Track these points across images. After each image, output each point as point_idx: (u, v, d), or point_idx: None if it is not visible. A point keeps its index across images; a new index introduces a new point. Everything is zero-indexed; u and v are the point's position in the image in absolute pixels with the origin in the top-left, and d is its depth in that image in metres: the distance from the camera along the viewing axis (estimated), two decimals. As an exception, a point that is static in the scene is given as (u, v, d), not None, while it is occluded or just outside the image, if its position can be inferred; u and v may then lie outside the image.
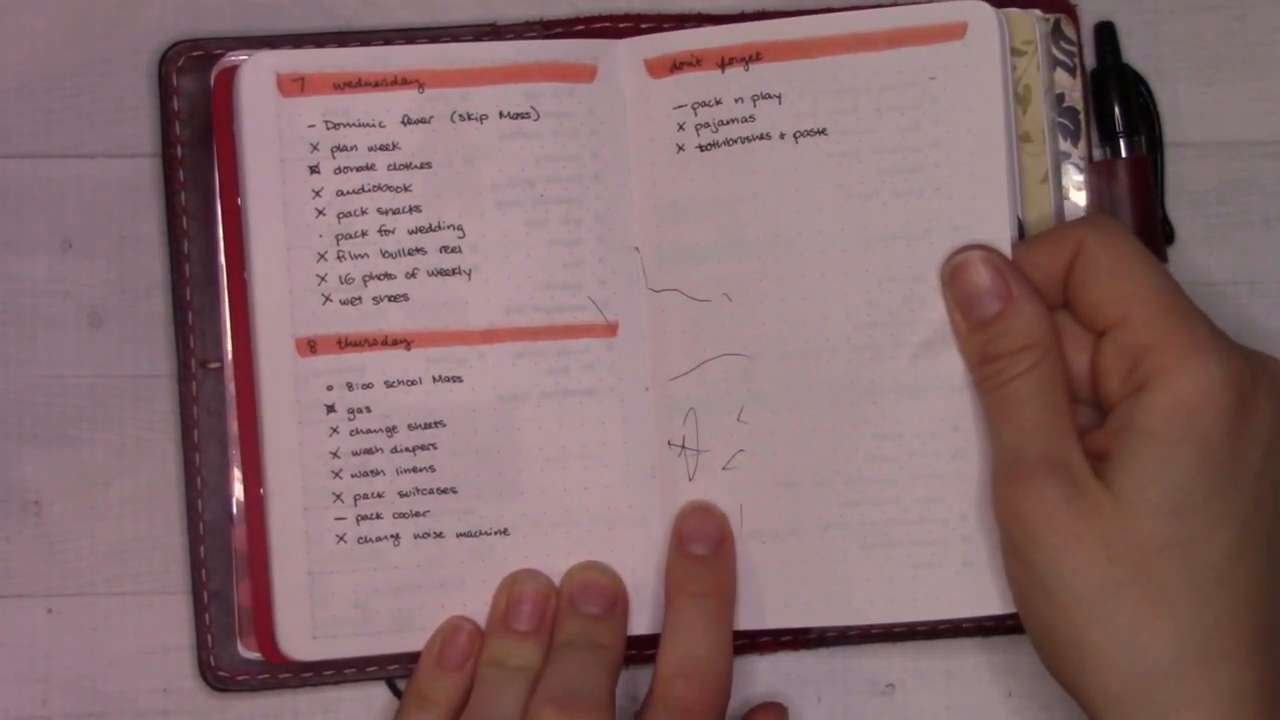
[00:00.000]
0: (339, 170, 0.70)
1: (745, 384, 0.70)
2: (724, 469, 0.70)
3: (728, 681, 0.68)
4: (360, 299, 0.70)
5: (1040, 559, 0.62)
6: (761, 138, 0.70)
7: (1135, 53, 0.74)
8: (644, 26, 0.72)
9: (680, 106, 0.71)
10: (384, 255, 0.70)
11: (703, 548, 0.69)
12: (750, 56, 0.70)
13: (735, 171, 0.70)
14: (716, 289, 0.70)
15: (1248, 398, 0.62)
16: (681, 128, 0.71)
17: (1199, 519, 0.61)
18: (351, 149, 0.70)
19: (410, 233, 0.70)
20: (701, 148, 0.70)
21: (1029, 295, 0.65)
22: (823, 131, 0.69)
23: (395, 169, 0.70)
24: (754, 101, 0.70)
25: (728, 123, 0.70)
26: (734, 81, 0.70)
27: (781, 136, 0.70)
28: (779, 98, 0.70)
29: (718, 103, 0.70)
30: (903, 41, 0.69)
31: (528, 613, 0.69)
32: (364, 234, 0.70)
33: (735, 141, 0.70)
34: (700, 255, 0.70)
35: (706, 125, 0.70)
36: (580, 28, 0.73)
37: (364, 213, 0.70)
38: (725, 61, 0.70)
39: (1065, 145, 0.72)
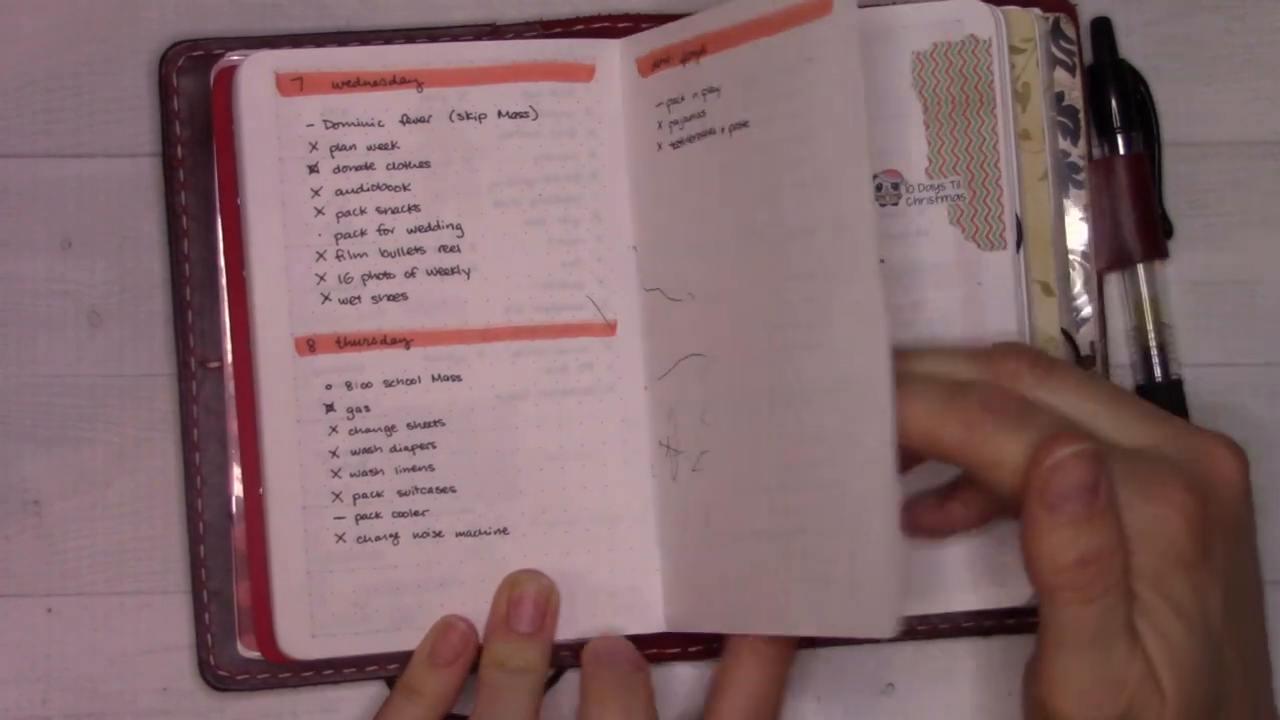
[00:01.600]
0: (338, 169, 0.70)
1: (705, 385, 0.69)
2: (694, 470, 0.70)
3: None
4: (359, 298, 0.70)
5: None
6: (709, 133, 0.68)
7: (1135, 52, 0.74)
8: (644, 26, 0.72)
9: (660, 104, 0.70)
10: (383, 254, 0.70)
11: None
12: (698, 50, 0.69)
13: (695, 168, 0.69)
14: (685, 288, 0.69)
15: (1203, 537, 0.60)
16: (659, 125, 0.70)
17: (1208, 677, 0.60)
18: (350, 148, 0.70)
19: (409, 232, 0.70)
20: (674, 145, 0.70)
21: (1112, 489, 0.60)
22: (745, 124, 0.67)
23: (394, 168, 0.70)
24: (704, 95, 0.69)
25: (689, 119, 0.69)
26: (691, 75, 0.69)
27: (722, 130, 0.68)
28: (719, 91, 0.68)
29: (681, 99, 0.69)
30: (790, 22, 0.65)
31: (529, 614, 0.69)
32: (363, 233, 0.70)
33: (694, 138, 0.69)
34: (674, 253, 0.70)
35: (676, 122, 0.70)
36: (580, 28, 0.73)
37: (363, 212, 0.70)
38: (685, 56, 0.70)
39: (1065, 144, 0.72)
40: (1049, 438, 0.59)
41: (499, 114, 0.70)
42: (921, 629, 0.72)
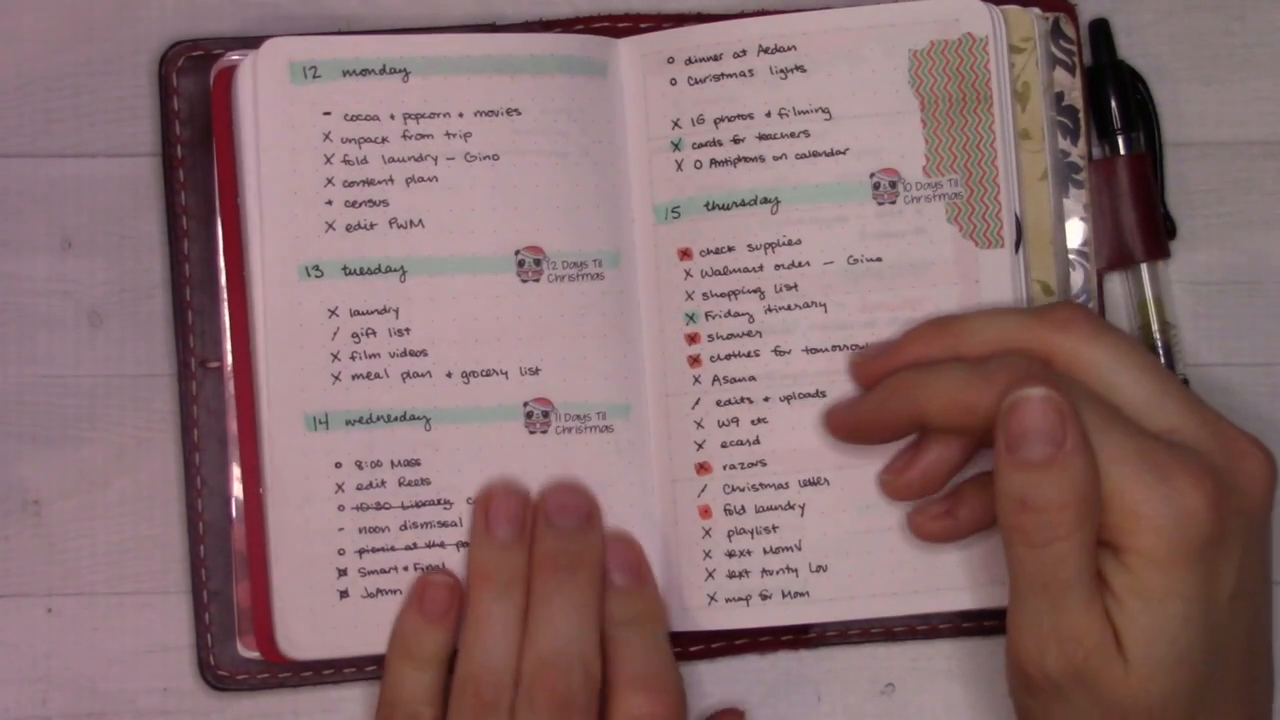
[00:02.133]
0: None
1: None
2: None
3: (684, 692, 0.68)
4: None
5: None
6: None
7: (1135, 52, 0.74)
8: (644, 26, 0.73)
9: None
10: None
11: (622, 577, 0.69)
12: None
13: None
14: None
15: (1217, 525, 0.60)
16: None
17: (1194, 665, 0.61)
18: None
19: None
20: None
21: (1083, 449, 0.61)
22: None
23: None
24: None
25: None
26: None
27: None
28: None
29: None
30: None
31: (507, 521, 0.68)
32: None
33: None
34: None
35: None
36: (580, 28, 0.73)
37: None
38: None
39: (1064, 144, 0.72)
40: (1022, 378, 0.61)
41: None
42: (921, 629, 0.72)
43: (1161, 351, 0.72)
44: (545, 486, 0.70)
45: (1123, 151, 0.72)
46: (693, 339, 0.71)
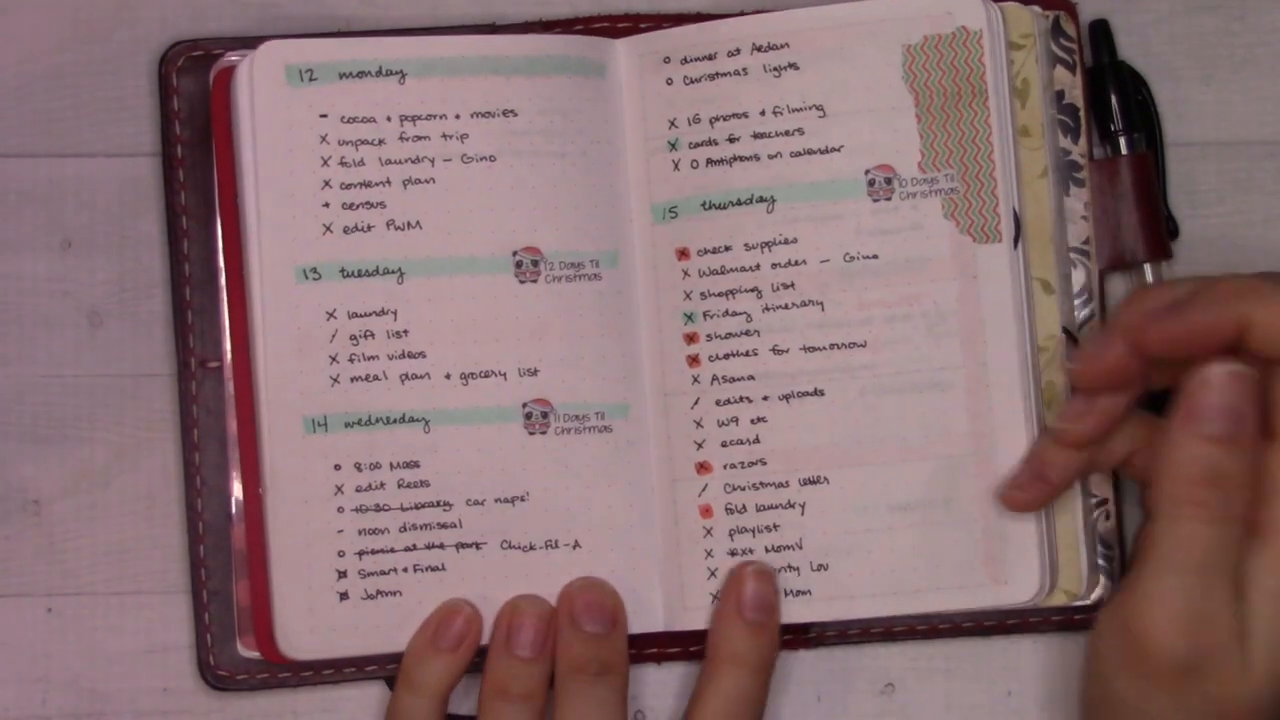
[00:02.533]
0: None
1: None
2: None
3: None
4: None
5: (1140, 706, 0.62)
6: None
7: (1136, 52, 0.74)
8: (643, 26, 0.73)
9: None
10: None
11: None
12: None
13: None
14: None
15: None
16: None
17: None
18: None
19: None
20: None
21: (1255, 435, 0.61)
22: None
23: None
24: None
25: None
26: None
27: None
28: None
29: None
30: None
31: (529, 639, 0.69)
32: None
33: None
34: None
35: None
36: (580, 28, 0.73)
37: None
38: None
39: (1065, 142, 0.72)
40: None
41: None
42: (921, 629, 0.72)
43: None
44: (570, 584, 0.70)
45: (1124, 152, 0.72)
46: (691, 339, 0.71)
